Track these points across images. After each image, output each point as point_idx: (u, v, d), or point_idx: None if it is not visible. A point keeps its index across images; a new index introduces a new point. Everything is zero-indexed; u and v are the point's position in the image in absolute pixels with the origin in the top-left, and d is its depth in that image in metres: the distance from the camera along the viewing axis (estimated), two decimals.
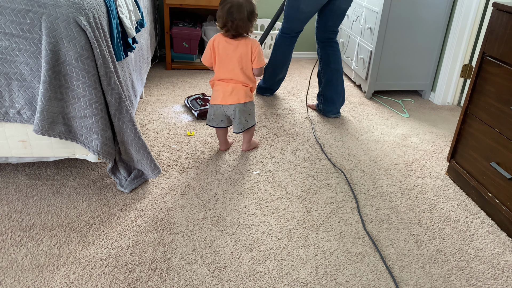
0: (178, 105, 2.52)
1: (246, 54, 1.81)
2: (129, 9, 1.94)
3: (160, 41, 3.37)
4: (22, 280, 1.24)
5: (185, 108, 2.49)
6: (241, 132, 1.93)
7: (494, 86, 1.60)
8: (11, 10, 1.34)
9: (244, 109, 1.88)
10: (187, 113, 2.43)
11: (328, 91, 2.45)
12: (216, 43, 1.81)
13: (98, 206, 1.58)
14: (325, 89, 2.46)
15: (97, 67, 1.45)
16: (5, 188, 1.64)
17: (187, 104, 2.48)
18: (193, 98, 2.50)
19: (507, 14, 1.53)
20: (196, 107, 2.40)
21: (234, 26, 1.74)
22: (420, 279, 1.34)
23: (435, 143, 2.25)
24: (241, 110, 1.87)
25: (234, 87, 1.84)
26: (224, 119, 1.93)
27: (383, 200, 1.74)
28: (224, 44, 1.80)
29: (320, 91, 2.51)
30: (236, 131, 1.92)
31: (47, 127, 1.47)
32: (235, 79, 1.84)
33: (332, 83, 2.43)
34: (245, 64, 1.83)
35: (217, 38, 1.82)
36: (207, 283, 1.28)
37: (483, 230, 1.59)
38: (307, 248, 1.44)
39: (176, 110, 2.45)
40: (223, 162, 1.93)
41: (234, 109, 1.86)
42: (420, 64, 2.79)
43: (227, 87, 1.84)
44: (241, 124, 1.90)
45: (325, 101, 2.48)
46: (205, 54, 1.87)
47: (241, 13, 1.71)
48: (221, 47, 1.81)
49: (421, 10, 2.60)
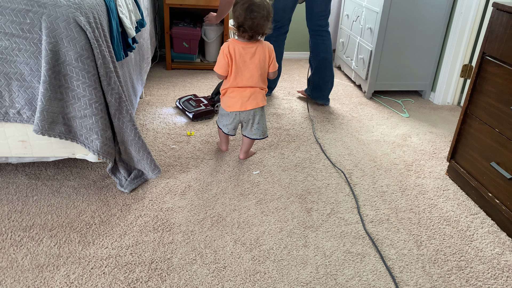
0: (170, 107, 2.50)
1: (264, 59, 1.75)
2: (129, 9, 1.94)
3: (160, 41, 3.37)
4: (22, 280, 1.24)
5: (177, 110, 2.46)
6: (261, 138, 1.89)
7: (494, 86, 1.60)
8: (11, 10, 1.34)
9: (262, 113, 1.85)
10: (180, 115, 2.40)
11: (316, 78, 2.54)
12: (232, 50, 1.71)
13: (98, 206, 1.58)
14: (314, 77, 2.54)
15: (97, 67, 1.45)
16: (5, 188, 1.64)
17: (179, 106, 2.43)
18: (185, 99, 2.47)
19: (507, 14, 1.53)
20: (190, 108, 2.36)
21: (254, 25, 1.65)
22: (420, 279, 1.34)
23: (435, 143, 2.25)
24: (261, 115, 1.84)
25: (252, 91, 1.78)
26: (236, 127, 1.89)
27: (383, 200, 1.74)
28: (240, 51, 1.71)
29: (310, 78, 2.59)
30: (255, 137, 1.87)
31: (47, 127, 1.47)
32: (252, 85, 1.77)
33: (320, 71, 2.50)
34: (263, 70, 1.77)
35: (231, 45, 1.71)
36: (207, 283, 1.28)
37: (483, 230, 1.59)
38: (307, 248, 1.44)
39: (168, 112, 2.42)
40: (223, 162, 1.93)
41: (254, 114, 1.82)
42: (420, 64, 2.79)
43: (244, 92, 1.77)
44: (260, 130, 1.86)
45: (313, 88, 2.59)
46: (220, 63, 1.75)
47: (261, 11, 1.65)
48: (238, 54, 1.71)
49: (421, 10, 2.60)
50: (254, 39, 1.73)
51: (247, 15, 1.64)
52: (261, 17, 1.65)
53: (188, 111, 2.35)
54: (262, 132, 1.88)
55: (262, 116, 1.85)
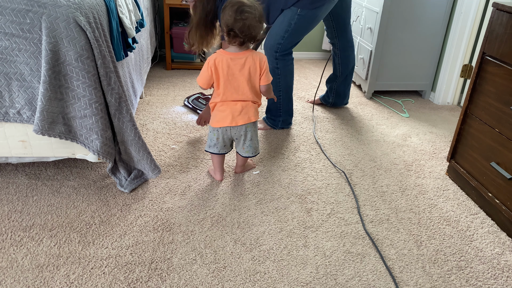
0: (178, 105, 2.52)
1: (254, 70, 1.60)
2: (129, 9, 1.94)
3: (160, 41, 3.37)
4: (22, 280, 1.24)
5: (187, 108, 2.49)
6: (253, 156, 1.75)
7: (494, 86, 1.60)
8: (11, 10, 1.34)
9: (255, 129, 1.71)
10: (191, 113, 2.42)
11: (343, 86, 2.55)
12: (218, 63, 1.57)
13: (98, 206, 1.58)
14: (342, 86, 2.55)
15: (97, 67, 1.45)
16: (5, 188, 1.64)
17: (189, 105, 2.47)
18: (194, 97, 2.50)
19: (507, 14, 1.53)
20: (201, 106, 2.40)
21: (245, 27, 1.50)
22: (420, 279, 1.34)
23: (435, 143, 2.25)
24: (253, 130, 1.70)
25: (243, 105, 1.64)
26: (227, 144, 1.72)
27: (383, 200, 1.74)
28: (228, 63, 1.57)
29: (333, 87, 2.56)
30: (247, 155, 1.73)
31: (47, 127, 1.47)
32: (243, 98, 1.64)
33: (348, 79, 2.53)
34: (253, 81, 1.63)
35: (218, 57, 1.57)
36: (207, 283, 1.28)
37: (483, 230, 1.59)
38: (307, 248, 1.44)
39: (179, 111, 2.45)
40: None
41: (245, 130, 1.67)
42: (420, 64, 2.79)
43: (235, 106, 1.63)
44: (252, 147, 1.72)
45: (337, 95, 2.58)
46: (202, 75, 1.61)
47: (253, 11, 1.51)
48: (225, 66, 1.57)
49: (421, 10, 2.60)
50: (245, 47, 1.58)
51: (237, 15, 1.49)
52: (253, 18, 1.51)
53: (200, 110, 2.38)
54: (254, 149, 1.73)
55: (254, 132, 1.70)
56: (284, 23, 1.98)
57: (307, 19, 1.98)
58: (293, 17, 1.95)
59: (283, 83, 2.15)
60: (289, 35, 2.01)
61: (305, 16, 1.96)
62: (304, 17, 1.96)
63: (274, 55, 2.06)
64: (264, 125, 2.30)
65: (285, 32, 1.99)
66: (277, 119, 2.26)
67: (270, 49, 2.06)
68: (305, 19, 1.97)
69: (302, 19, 1.97)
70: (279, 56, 2.07)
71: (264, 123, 2.31)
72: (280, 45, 2.04)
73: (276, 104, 2.22)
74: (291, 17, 1.95)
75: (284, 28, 1.99)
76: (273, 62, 2.08)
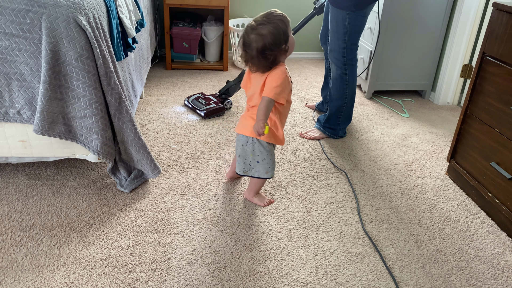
0: (178, 105, 2.52)
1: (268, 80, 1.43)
2: (129, 9, 1.94)
3: (160, 41, 3.37)
4: (22, 280, 1.24)
5: (187, 108, 2.49)
6: (240, 174, 1.58)
7: (494, 86, 1.60)
8: (11, 10, 1.34)
9: (251, 147, 1.50)
10: (191, 113, 2.43)
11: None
12: None
13: (98, 206, 1.58)
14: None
15: (97, 67, 1.45)
16: (5, 188, 1.64)
17: (188, 105, 2.47)
18: (194, 97, 2.50)
19: (507, 14, 1.53)
20: (201, 107, 2.40)
21: (254, 60, 1.38)
22: (420, 279, 1.34)
23: (435, 143, 2.25)
24: (244, 146, 1.51)
25: (250, 114, 1.49)
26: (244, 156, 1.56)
27: (383, 200, 1.74)
28: None
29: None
30: (236, 170, 1.59)
31: (47, 127, 1.47)
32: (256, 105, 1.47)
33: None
34: None
35: None
36: (207, 283, 1.28)
37: (483, 230, 1.59)
38: (307, 248, 1.44)
39: (178, 110, 2.45)
40: (223, 162, 1.93)
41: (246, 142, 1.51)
42: (420, 64, 2.79)
43: (246, 112, 1.53)
44: (241, 164, 1.55)
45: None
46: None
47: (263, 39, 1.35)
48: None
49: (421, 10, 2.60)
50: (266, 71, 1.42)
51: (242, 46, 1.39)
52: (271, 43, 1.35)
53: (199, 110, 2.38)
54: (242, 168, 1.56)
55: (247, 151, 1.52)
56: (340, 27, 2.01)
57: (358, 16, 2.01)
58: (345, 18, 1.98)
59: (350, 89, 2.15)
60: (349, 36, 2.02)
61: (354, 13, 1.99)
62: (354, 14, 1.99)
63: (342, 61, 2.07)
64: (321, 134, 2.23)
65: (344, 34, 2.02)
66: (337, 127, 2.22)
67: (337, 55, 2.08)
68: (356, 17, 2.00)
69: (353, 17, 2.00)
70: (347, 61, 2.07)
71: (319, 131, 2.24)
72: (345, 49, 2.05)
73: (337, 113, 2.19)
74: (343, 18, 1.98)
75: (342, 31, 2.01)
76: (342, 68, 2.09)
